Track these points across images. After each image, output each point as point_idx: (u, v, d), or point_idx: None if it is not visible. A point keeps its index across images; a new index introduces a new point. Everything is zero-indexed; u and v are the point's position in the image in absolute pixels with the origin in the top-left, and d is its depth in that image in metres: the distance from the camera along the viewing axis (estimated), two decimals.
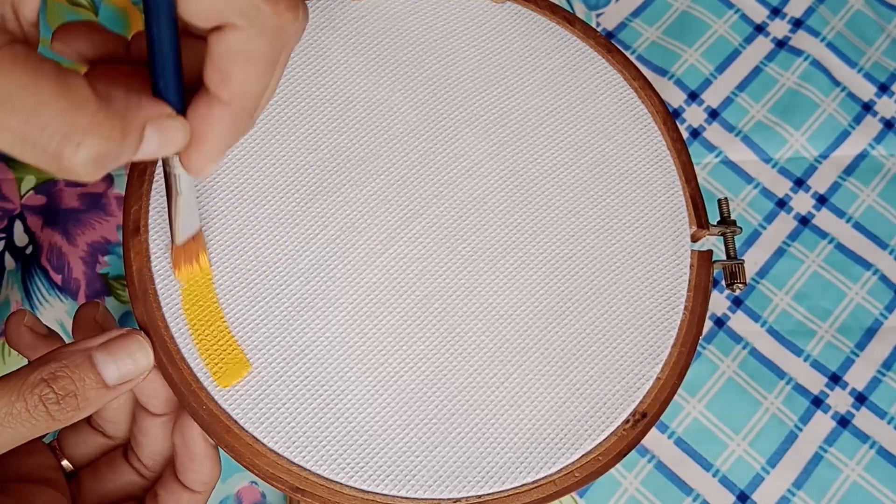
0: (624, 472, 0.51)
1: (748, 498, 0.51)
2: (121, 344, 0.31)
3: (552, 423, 0.34)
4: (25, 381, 0.30)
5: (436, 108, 0.38)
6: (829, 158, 0.59)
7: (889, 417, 0.53)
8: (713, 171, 0.59)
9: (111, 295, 0.54)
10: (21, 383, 0.30)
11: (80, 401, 0.30)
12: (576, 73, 0.40)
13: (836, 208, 0.58)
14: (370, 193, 0.36)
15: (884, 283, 0.56)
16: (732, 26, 0.62)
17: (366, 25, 0.40)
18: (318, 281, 0.35)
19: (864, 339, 0.55)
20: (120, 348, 0.31)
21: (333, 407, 0.33)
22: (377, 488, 0.32)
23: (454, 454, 0.33)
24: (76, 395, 0.30)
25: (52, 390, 0.30)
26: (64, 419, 0.30)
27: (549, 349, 0.35)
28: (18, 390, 0.29)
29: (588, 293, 0.36)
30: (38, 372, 0.30)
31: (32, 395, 0.29)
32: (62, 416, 0.30)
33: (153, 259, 0.34)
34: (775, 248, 0.57)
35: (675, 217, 0.38)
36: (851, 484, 0.51)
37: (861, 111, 0.60)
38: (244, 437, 0.32)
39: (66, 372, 0.30)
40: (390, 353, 0.34)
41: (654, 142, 0.39)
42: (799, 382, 0.54)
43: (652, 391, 0.35)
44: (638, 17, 0.62)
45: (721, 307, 0.55)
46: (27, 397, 0.29)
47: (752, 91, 0.61)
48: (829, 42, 0.62)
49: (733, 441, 0.52)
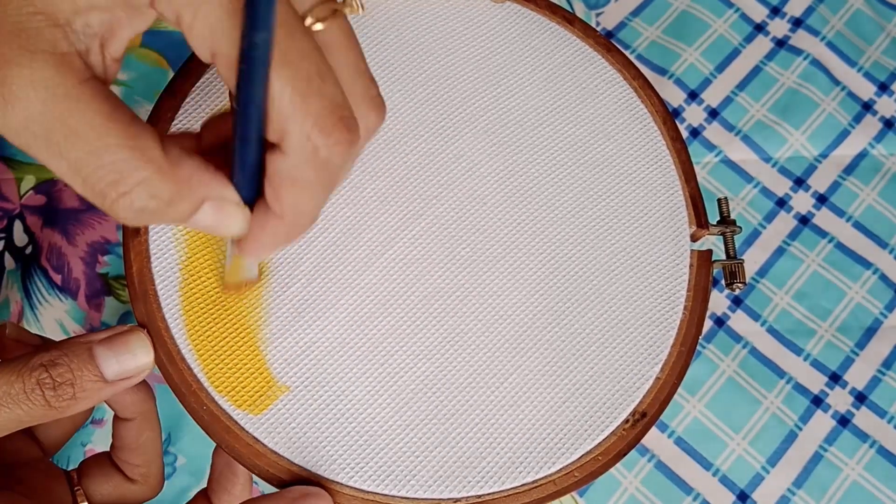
0: (624, 472, 0.51)
1: (748, 497, 0.51)
2: (122, 340, 0.32)
3: (552, 423, 0.34)
4: (26, 364, 0.30)
5: (435, 108, 0.38)
6: (828, 158, 0.59)
7: (889, 417, 0.53)
8: (713, 171, 0.59)
9: (111, 295, 0.54)
10: (21, 366, 0.30)
11: (77, 391, 0.30)
12: (575, 73, 0.40)
13: (836, 208, 0.58)
14: (370, 194, 0.36)
15: (884, 282, 0.56)
16: (732, 26, 0.62)
17: (365, 25, 0.40)
18: (319, 283, 0.35)
19: (864, 338, 0.55)
20: (121, 344, 0.31)
21: (333, 407, 0.33)
22: (377, 488, 0.32)
23: (454, 454, 0.33)
24: (73, 385, 0.30)
25: (49, 375, 0.30)
26: (60, 407, 0.30)
27: (549, 349, 0.35)
28: (18, 372, 0.30)
29: (588, 293, 0.36)
30: (38, 357, 0.30)
31: (31, 377, 0.30)
32: (58, 403, 0.30)
33: (153, 259, 0.34)
34: (775, 248, 0.57)
35: (675, 216, 0.38)
36: (851, 483, 0.51)
37: (861, 110, 0.60)
38: (244, 438, 0.32)
39: (64, 360, 0.30)
40: (390, 353, 0.34)
41: (654, 141, 0.39)
42: (799, 382, 0.54)
43: (652, 391, 0.35)
44: (637, 17, 0.62)
45: (721, 307, 0.55)
46: (25, 379, 0.30)
47: (751, 90, 0.61)
48: (829, 41, 0.62)
49: (733, 440, 0.52)
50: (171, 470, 0.51)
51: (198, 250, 0.34)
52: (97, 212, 0.55)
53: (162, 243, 0.34)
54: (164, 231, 0.34)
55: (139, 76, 0.60)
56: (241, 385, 0.33)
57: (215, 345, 0.33)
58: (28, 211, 0.55)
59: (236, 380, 0.33)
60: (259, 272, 0.34)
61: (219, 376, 0.33)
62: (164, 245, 0.34)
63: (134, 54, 0.60)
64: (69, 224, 0.55)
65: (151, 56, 0.60)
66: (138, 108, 0.59)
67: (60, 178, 0.24)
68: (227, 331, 0.34)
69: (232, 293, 0.34)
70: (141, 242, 0.34)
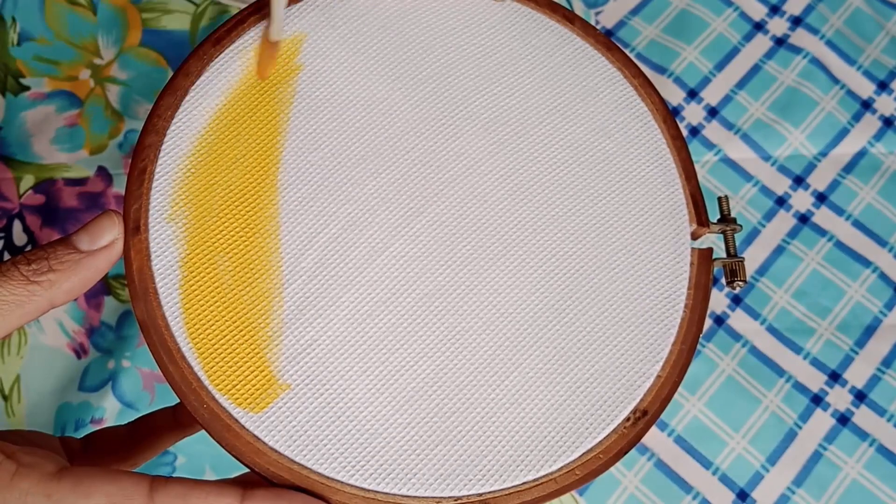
0: (624, 471, 0.51)
1: (748, 496, 0.51)
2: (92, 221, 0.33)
3: (553, 422, 0.34)
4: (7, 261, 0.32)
5: (435, 106, 0.38)
6: (828, 156, 0.59)
7: (889, 415, 0.53)
8: (712, 170, 0.59)
9: (111, 294, 0.54)
10: None
11: (53, 263, 0.32)
12: (575, 71, 0.40)
13: (836, 206, 0.58)
14: (370, 192, 0.36)
15: (883, 280, 0.56)
16: (731, 24, 0.62)
17: (365, 24, 0.40)
18: (319, 280, 0.35)
19: (864, 336, 0.55)
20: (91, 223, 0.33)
21: (334, 405, 0.33)
22: (378, 486, 0.32)
23: (455, 452, 0.33)
24: (48, 259, 0.32)
25: (24, 257, 0.32)
26: (40, 281, 0.31)
27: (550, 347, 0.35)
28: None
29: (588, 291, 0.36)
30: None
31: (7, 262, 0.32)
32: (37, 277, 0.31)
33: (153, 258, 0.34)
34: (775, 246, 0.57)
35: (675, 215, 0.38)
36: (851, 482, 0.51)
37: (860, 109, 0.60)
38: (245, 436, 0.32)
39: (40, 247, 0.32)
40: (391, 351, 0.34)
41: (654, 140, 0.39)
42: (798, 380, 0.54)
43: (652, 389, 0.35)
44: (637, 15, 0.62)
45: (720, 305, 0.55)
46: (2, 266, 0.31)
47: (751, 89, 0.61)
48: (829, 40, 0.62)
49: (733, 439, 0.52)
50: (170, 469, 0.51)
51: (198, 248, 0.34)
52: (97, 211, 0.55)
53: (162, 241, 0.34)
54: (164, 229, 0.34)
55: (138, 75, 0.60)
56: (242, 383, 0.33)
57: (215, 343, 0.33)
58: (27, 210, 0.55)
59: (237, 378, 0.33)
60: None
61: (219, 374, 0.33)
62: (165, 243, 0.34)
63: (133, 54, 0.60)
64: (68, 223, 0.55)
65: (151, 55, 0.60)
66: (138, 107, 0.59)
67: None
68: (227, 329, 0.34)
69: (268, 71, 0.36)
70: (141, 241, 0.34)
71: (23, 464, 0.29)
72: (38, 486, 0.29)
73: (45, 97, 0.58)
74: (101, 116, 0.58)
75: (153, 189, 0.35)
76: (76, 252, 0.32)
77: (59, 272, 0.32)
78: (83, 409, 0.52)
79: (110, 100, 0.59)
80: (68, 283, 0.32)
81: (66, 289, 0.32)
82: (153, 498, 0.29)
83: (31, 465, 0.29)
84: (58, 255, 0.32)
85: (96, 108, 0.58)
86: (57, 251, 0.32)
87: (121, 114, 0.58)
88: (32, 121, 0.58)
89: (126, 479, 0.30)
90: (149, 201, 0.35)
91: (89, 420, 0.52)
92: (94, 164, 0.57)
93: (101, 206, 0.56)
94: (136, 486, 0.29)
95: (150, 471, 0.48)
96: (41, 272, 0.31)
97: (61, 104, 0.58)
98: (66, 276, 0.32)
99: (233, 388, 0.33)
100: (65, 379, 0.53)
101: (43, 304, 0.32)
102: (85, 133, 0.58)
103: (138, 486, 0.29)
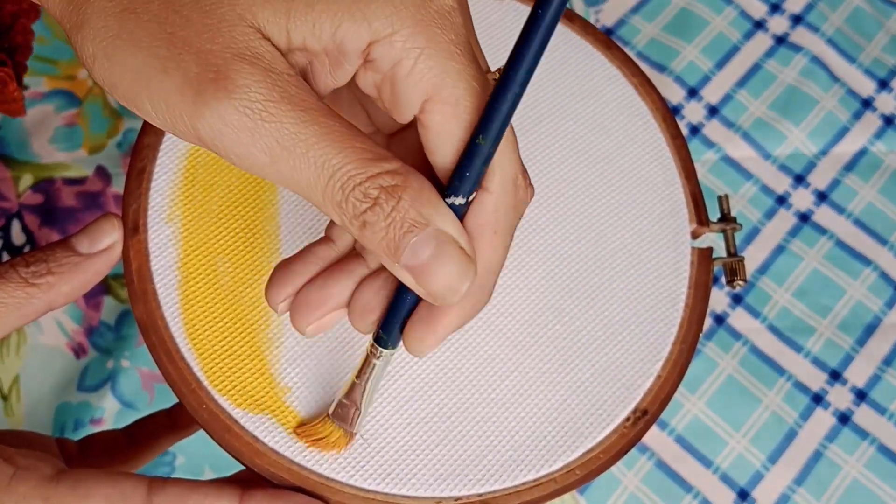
0: (624, 470, 0.51)
1: (748, 495, 0.51)
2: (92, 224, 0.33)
3: (553, 421, 0.34)
4: None
5: None
6: (828, 155, 0.59)
7: (889, 414, 0.53)
8: (713, 168, 0.59)
9: (110, 294, 0.54)
10: None
11: (52, 265, 0.31)
12: (575, 70, 0.40)
13: (836, 205, 0.58)
14: None
15: (884, 279, 0.56)
16: (732, 23, 0.62)
17: None
18: None
19: (864, 335, 0.55)
20: (91, 226, 0.33)
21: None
22: (378, 487, 0.32)
23: (455, 452, 0.33)
24: (47, 261, 0.31)
25: (23, 259, 0.31)
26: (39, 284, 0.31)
27: (550, 347, 0.35)
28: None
29: (588, 290, 0.36)
30: None
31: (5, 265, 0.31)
32: (36, 279, 0.31)
33: (152, 258, 0.34)
34: (775, 245, 0.57)
35: (676, 214, 0.38)
36: (852, 481, 0.51)
37: (860, 107, 0.60)
38: (244, 436, 0.32)
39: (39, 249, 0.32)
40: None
41: (654, 138, 0.39)
42: (799, 379, 0.54)
43: (653, 388, 0.35)
44: (637, 14, 0.62)
45: (721, 304, 0.55)
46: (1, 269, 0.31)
47: (751, 87, 0.61)
48: (829, 38, 0.62)
49: (733, 438, 0.52)
50: (170, 469, 0.51)
51: (197, 248, 0.34)
52: (96, 211, 0.55)
53: (161, 241, 0.34)
54: (162, 229, 0.34)
55: None
56: (241, 384, 0.33)
57: (214, 343, 0.33)
58: (26, 210, 0.55)
59: (236, 378, 0.33)
60: None
61: (218, 375, 0.33)
62: (163, 243, 0.34)
63: None
64: (67, 223, 0.55)
65: None
66: None
67: (252, 172, 0.24)
68: (226, 329, 0.33)
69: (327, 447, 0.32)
70: (140, 241, 0.34)
71: (20, 467, 0.29)
72: (37, 489, 0.29)
73: (44, 96, 0.58)
74: (99, 116, 0.58)
75: (152, 189, 0.35)
76: (75, 255, 0.32)
77: (58, 275, 0.31)
78: (82, 408, 0.52)
79: (109, 99, 0.59)
80: (67, 285, 0.31)
81: (64, 292, 0.32)
82: (151, 500, 0.29)
83: (29, 467, 0.29)
84: (57, 257, 0.32)
85: (95, 107, 0.58)
86: (56, 254, 0.32)
87: (119, 113, 0.58)
88: (31, 120, 0.57)
89: (124, 481, 0.29)
90: (147, 201, 0.35)
91: (88, 420, 0.52)
92: (92, 164, 0.57)
93: (100, 206, 0.56)
94: (135, 488, 0.29)
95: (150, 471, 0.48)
96: (40, 275, 0.31)
97: (60, 103, 0.58)
98: (65, 279, 0.31)
99: (232, 388, 0.33)
100: (64, 379, 0.53)
101: (41, 306, 0.31)
102: (83, 132, 0.57)
103: (136, 487, 0.29)
